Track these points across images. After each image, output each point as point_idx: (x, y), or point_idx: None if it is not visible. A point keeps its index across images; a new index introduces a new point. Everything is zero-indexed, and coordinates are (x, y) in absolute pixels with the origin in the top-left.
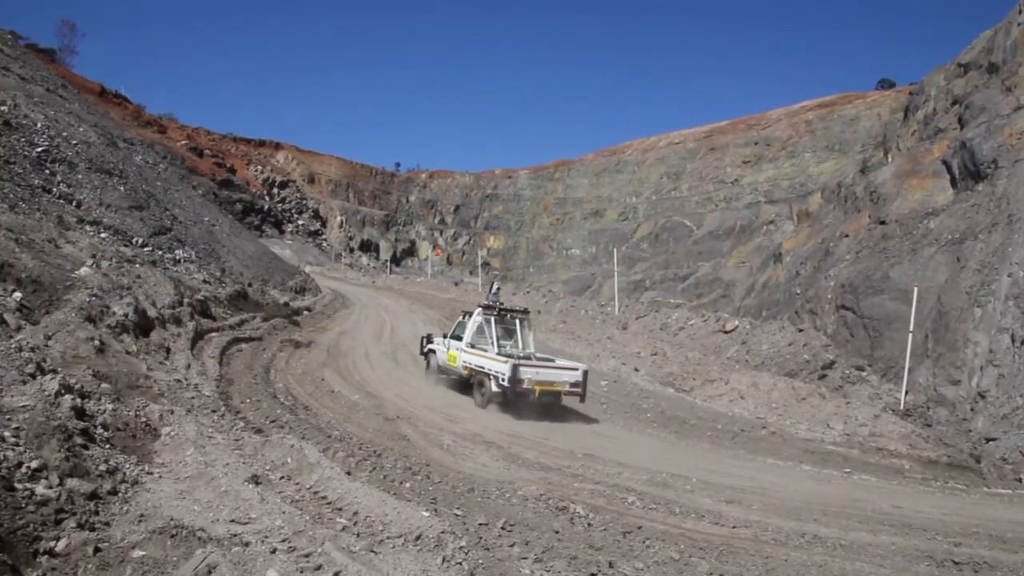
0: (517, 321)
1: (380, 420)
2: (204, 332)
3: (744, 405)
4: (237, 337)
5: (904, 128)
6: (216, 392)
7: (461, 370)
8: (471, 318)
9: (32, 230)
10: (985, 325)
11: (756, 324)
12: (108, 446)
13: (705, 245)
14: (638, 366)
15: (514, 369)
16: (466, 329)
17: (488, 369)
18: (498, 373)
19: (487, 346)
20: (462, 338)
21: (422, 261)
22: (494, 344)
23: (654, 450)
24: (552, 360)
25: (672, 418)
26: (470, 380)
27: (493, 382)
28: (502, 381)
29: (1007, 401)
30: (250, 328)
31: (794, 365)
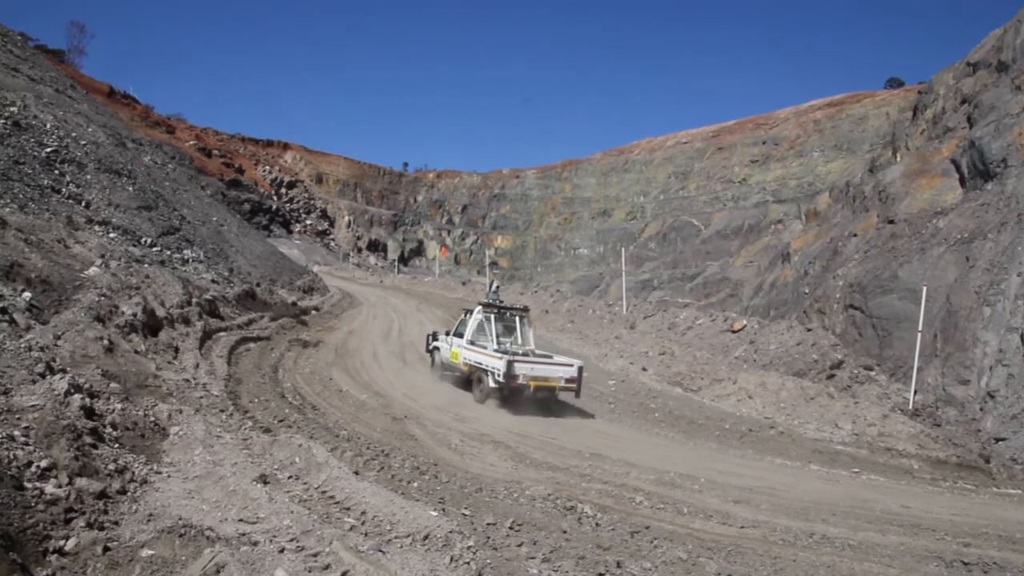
0: (517, 318)
1: (388, 420)
2: (212, 332)
3: (752, 405)
4: (245, 337)
5: (913, 127)
6: (224, 391)
7: (462, 367)
8: (472, 316)
9: (41, 230)
10: (994, 325)
11: (764, 323)
12: (117, 445)
13: (713, 244)
14: (646, 366)
15: (508, 365)
16: (467, 327)
17: (485, 365)
18: (494, 369)
19: (487, 343)
20: (463, 335)
21: (430, 261)
22: (493, 341)
23: (662, 450)
24: (550, 356)
25: (680, 418)
26: (471, 376)
27: (490, 378)
28: (498, 377)
29: (1016, 401)
30: (258, 328)
31: (802, 365)
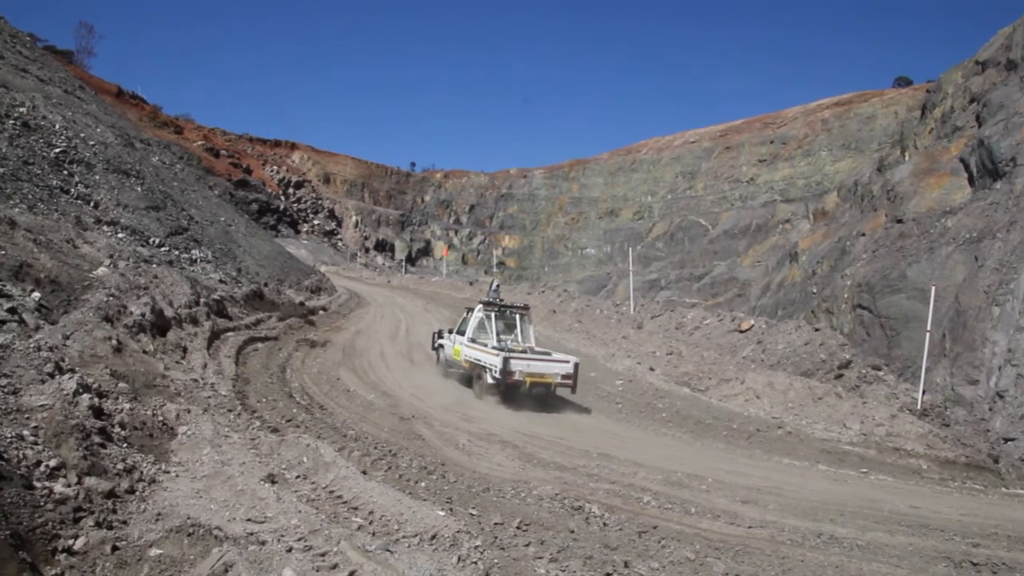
0: (517, 316)
1: (395, 419)
2: (220, 331)
3: (760, 405)
4: (253, 336)
5: (921, 126)
6: (232, 391)
7: (464, 364)
8: (473, 314)
9: (50, 230)
10: (1003, 324)
11: (772, 323)
12: (125, 445)
13: (720, 244)
14: (653, 365)
15: (505, 361)
16: (468, 325)
17: (484, 362)
18: (491, 365)
19: (487, 340)
20: (465, 333)
21: (437, 261)
22: (494, 338)
23: (669, 450)
24: (549, 353)
25: (687, 418)
26: (472, 373)
27: (488, 374)
28: (495, 373)
29: None
30: (266, 327)
31: (810, 364)
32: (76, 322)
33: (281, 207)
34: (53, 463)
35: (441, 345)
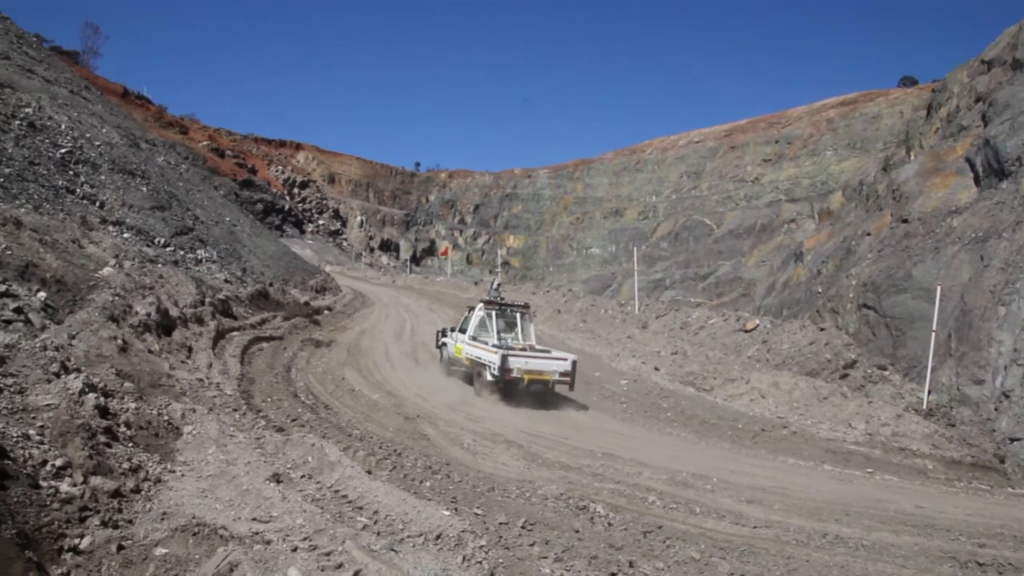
0: (518, 315)
1: (400, 419)
2: (225, 331)
3: (765, 404)
4: (258, 336)
5: (927, 126)
6: (237, 391)
7: (465, 362)
8: (474, 313)
9: (56, 230)
10: (1009, 324)
11: (777, 323)
12: (131, 444)
13: (725, 244)
14: (658, 365)
15: (503, 359)
16: (469, 323)
17: (483, 359)
18: (490, 363)
19: (488, 338)
20: (467, 331)
21: (442, 261)
22: (494, 337)
23: (674, 449)
24: (548, 351)
25: (692, 417)
26: (472, 371)
27: (487, 371)
28: (493, 370)
29: None
30: (271, 327)
31: (815, 364)
32: (82, 322)
33: (286, 207)
34: (59, 462)
35: (444, 343)
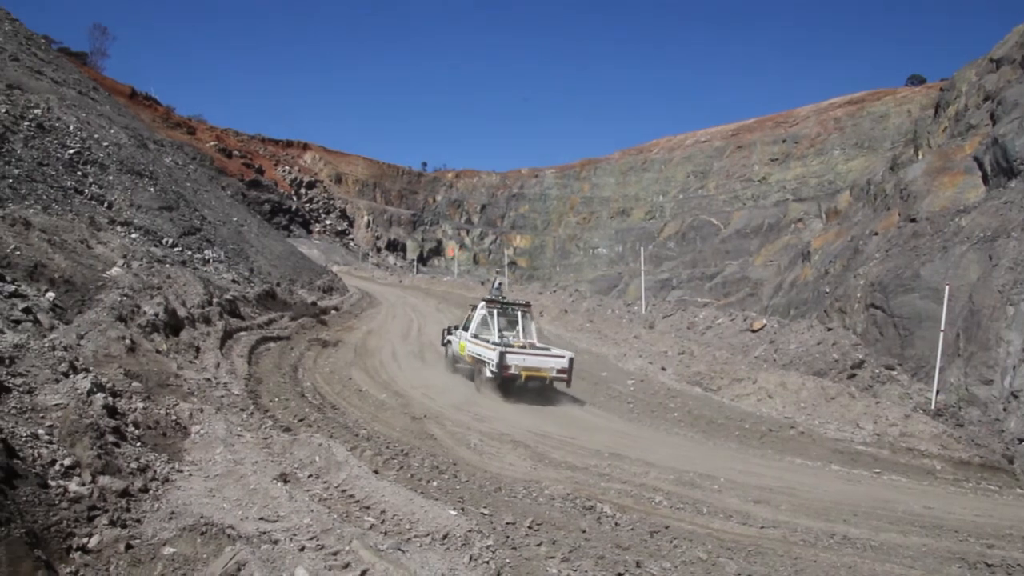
0: (519, 313)
1: (407, 419)
2: (233, 331)
3: (772, 404)
4: (265, 336)
5: (935, 125)
6: (245, 391)
7: (467, 359)
8: (476, 311)
9: (64, 231)
10: (1018, 324)
11: (784, 323)
12: (139, 444)
13: (732, 244)
14: (665, 365)
15: (501, 356)
16: (471, 321)
17: (483, 357)
18: (489, 360)
19: (490, 336)
20: (469, 330)
21: (449, 260)
22: (495, 334)
23: (681, 450)
24: (548, 349)
25: (699, 417)
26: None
27: (487, 368)
28: (492, 367)
29: None
30: (278, 327)
31: (823, 364)
32: (90, 322)
33: (293, 207)
34: (68, 462)
35: (450, 341)
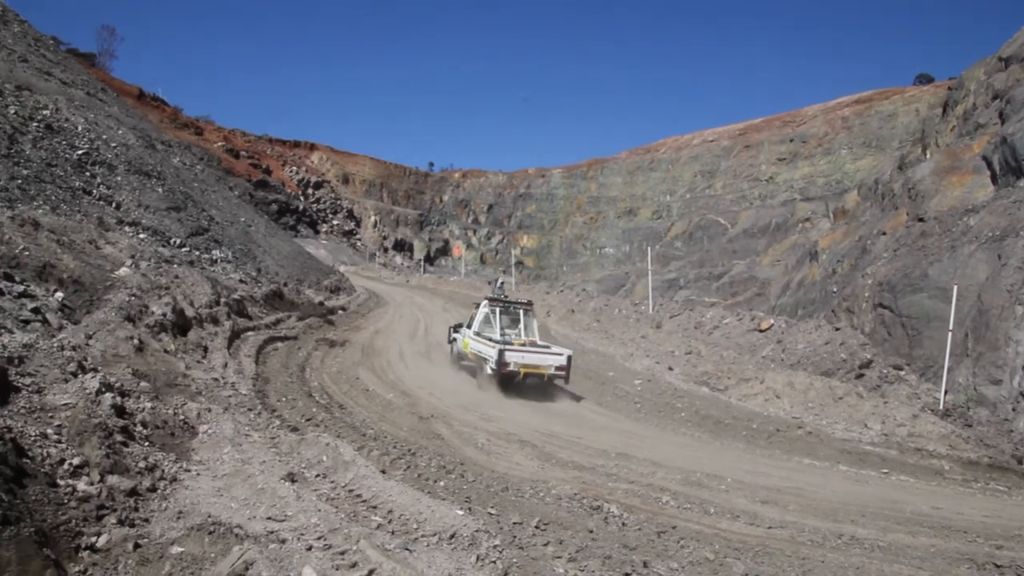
0: (521, 312)
1: (414, 419)
2: (240, 331)
3: (780, 404)
4: (273, 336)
5: (943, 124)
6: (252, 390)
7: (470, 356)
8: (479, 310)
9: (73, 231)
10: None
11: (792, 323)
12: (147, 443)
13: (740, 243)
14: (672, 365)
15: (500, 353)
16: (475, 319)
17: (484, 354)
18: (489, 357)
19: (492, 334)
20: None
21: (456, 260)
22: (497, 332)
23: (688, 450)
24: (548, 347)
25: (706, 417)
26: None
27: (487, 365)
28: (492, 364)
29: None
30: (286, 327)
31: (831, 364)
32: (99, 322)
33: (300, 207)
34: (76, 461)
35: (455, 339)
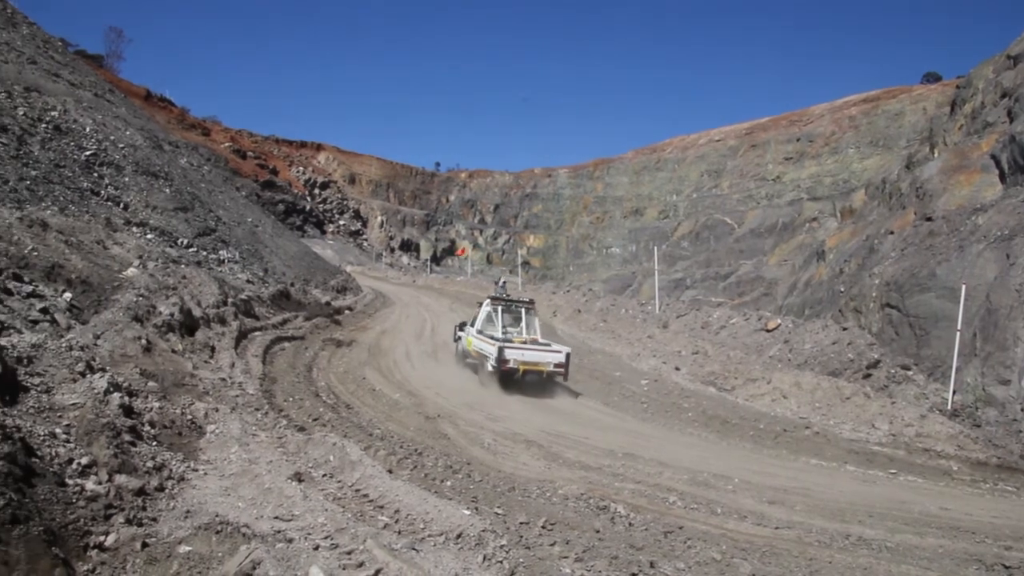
0: (523, 310)
1: (421, 418)
2: (248, 331)
3: (787, 405)
4: (280, 336)
5: (951, 122)
6: (260, 390)
7: (473, 354)
8: (482, 308)
9: (81, 232)
10: None
11: (799, 322)
12: (155, 443)
13: (746, 243)
14: (679, 365)
15: (500, 351)
16: (477, 318)
17: (485, 352)
18: (489, 354)
19: (494, 332)
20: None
21: (462, 260)
22: (499, 331)
23: (695, 450)
24: (549, 345)
25: (713, 417)
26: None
27: (488, 362)
28: (492, 362)
29: None
30: (292, 327)
31: (838, 364)
32: (107, 322)
33: (307, 208)
34: (85, 461)
35: (460, 337)
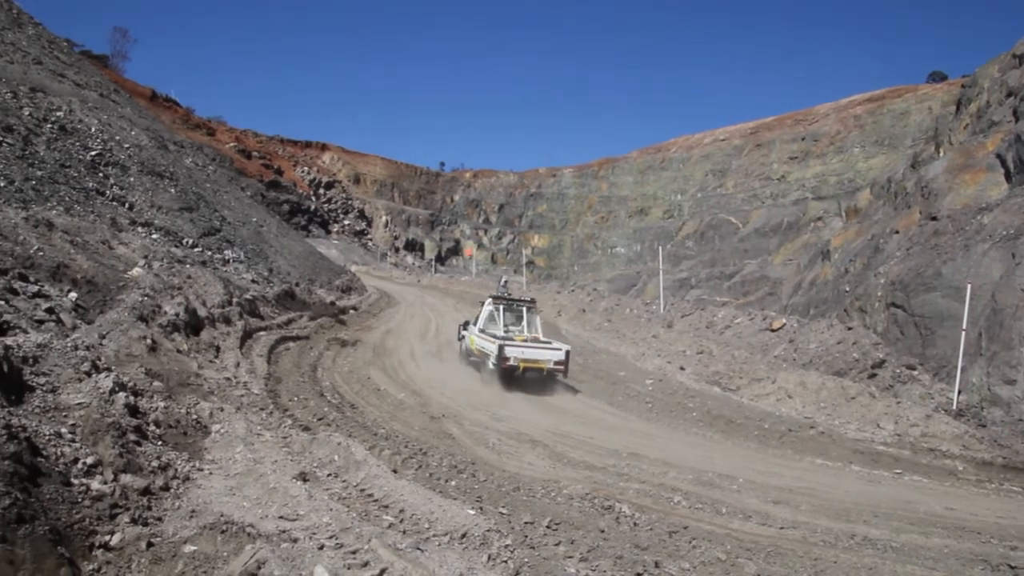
0: (524, 309)
1: (426, 418)
2: (253, 331)
3: (792, 404)
4: (285, 336)
5: (956, 121)
6: (264, 390)
7: (476, 352)
8: (484, 307)
9: (87, 232)
10: None
11: (804, 322)
12: (160, 443)
13: (751, 243)
14: (684, 365)
15: (500, 348)
16: (480, 317)
17: (487, 350)
18: (491, 352)
19: (496, 331)
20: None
21: (467, 260)
22: (501, 329)
23: (700, 449)
24: (549, 343)
25: (718, 417)
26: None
27: (489, 360)
28: (493, 359)
29: None
30: (297, 327)
31: (843, 364)
32: (112, 322)
33: (312, 207)
34: (90, 460)
35: (463, 336)
